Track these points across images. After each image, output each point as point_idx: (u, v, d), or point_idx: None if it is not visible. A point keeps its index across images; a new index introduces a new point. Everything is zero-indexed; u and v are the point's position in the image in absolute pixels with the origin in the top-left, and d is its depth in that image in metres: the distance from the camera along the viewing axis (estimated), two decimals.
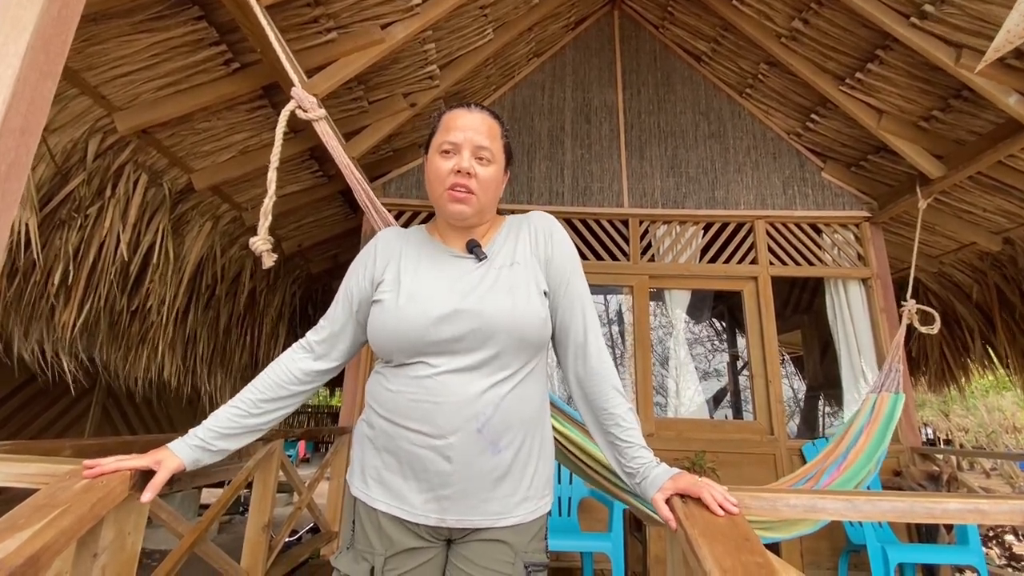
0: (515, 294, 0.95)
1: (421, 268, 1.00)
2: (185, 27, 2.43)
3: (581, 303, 1.02)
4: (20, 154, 1.12)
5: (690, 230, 3.99)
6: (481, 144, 0.97)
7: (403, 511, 0.90)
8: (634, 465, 0.98)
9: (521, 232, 1.05)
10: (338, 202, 4.36)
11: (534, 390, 0.98)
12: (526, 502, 0.93)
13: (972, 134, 3.22)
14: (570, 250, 1.04)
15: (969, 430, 16.13)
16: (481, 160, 0.98)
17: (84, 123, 2.53)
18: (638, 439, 1.00)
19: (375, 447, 0.94)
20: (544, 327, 0.97)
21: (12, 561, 0.68)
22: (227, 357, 4.40)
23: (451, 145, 0.97)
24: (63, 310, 2.82)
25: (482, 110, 1.02)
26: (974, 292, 4.42)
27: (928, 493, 2.17)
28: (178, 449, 0.95)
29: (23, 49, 1.15)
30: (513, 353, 0.93)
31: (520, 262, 1.00)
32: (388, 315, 0.95)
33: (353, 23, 2.82)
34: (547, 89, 4.35)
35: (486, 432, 0.89)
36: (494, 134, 1.00)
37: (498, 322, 0.92)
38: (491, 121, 1.01)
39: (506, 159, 1.05)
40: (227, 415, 0.99)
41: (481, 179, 0.97)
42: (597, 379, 1.00)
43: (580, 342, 1.01)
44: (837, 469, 2.66)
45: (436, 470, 0.88)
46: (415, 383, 0.91)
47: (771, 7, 3.45)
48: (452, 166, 0.96)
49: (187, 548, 1.66)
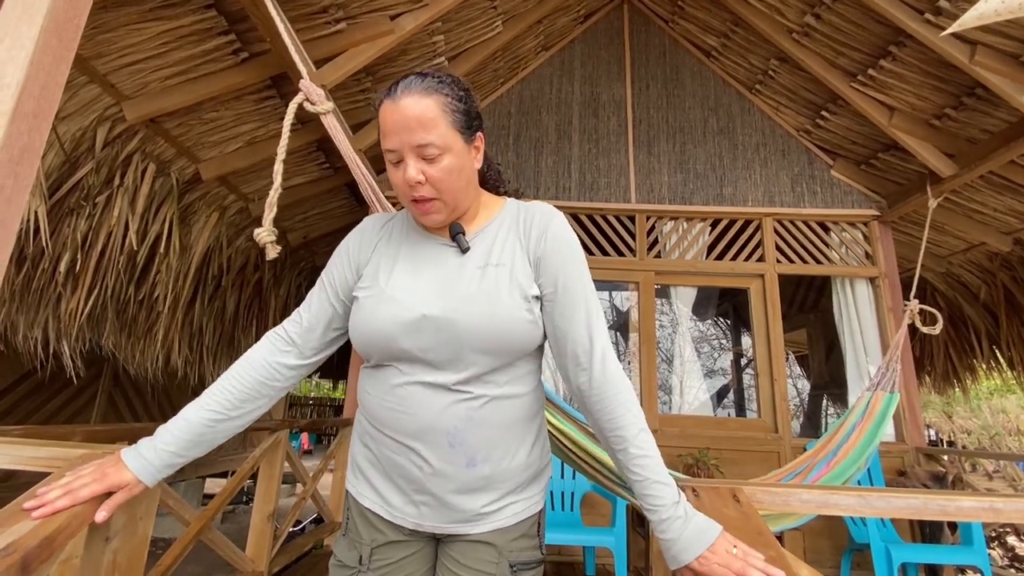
0: (495, 299, 0.85)
1: (399, 264, 0.92)
2: (195, 15, 2.42)
3: (584, 307, 0.88)
4: (33, 138, 1.12)
5: (697, 226, 3.97)
6: (420, 142, 0.82)
7: (385, 511, 0.89)
8: (651, 504, 0.82)
9: (517, 225, 0.94)
10: (344, 194, 4.36)
11: (520, 392, 0.90)
12: (510, 506, 0.89)
13: (984, 133, 3.18)
14: (567, 249, 0.90)
15: (972, 432, 16.08)
16: (427, 158, 0.83)
17: (93, 111, 2.53)
18: (654, 471, 0.83)
19: (362, 444, 0.94)
20: (530, 333, 0.87)
21: (27, 543, 0.68)
22: (233, 346, 4.42)
23: (391, 153, 0.85)
24: (70, 298, 2.83)
25: (410, 91, 0.83)
26: (982, 293, 4.39)
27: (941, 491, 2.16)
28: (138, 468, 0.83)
29: (36, 32, 1.14)
30: (491, 363, 0.86)
31: (507, 262, 0.89)
32: (363, 316, 0.89)
33: (362, 14, 2.80)
34: (555, 83, 4.33)
35: (459, 447, 0.84)
36: (433, 119, 0.83)
37: (471, 332, 0.83)
38: (421, 105, 0.82)
39: (469, 128, 0.88)
40: (201, 419, 0.87)
41: (435, 177, 0.84)
42: (603, 394, 0.87)
43: (582, 350, 0.88)
44: (827, 465, 2.67)
45: (411, 477, 0.86)
46: (389, 390, 0.87)
47: (783, 2, 3.42)
48: (403, 177, 0.84)
49: (194, 535, 1.68)
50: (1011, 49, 2.67)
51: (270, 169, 3.76)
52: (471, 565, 0.87)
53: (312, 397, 19.03)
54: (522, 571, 0.88)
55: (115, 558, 0.84)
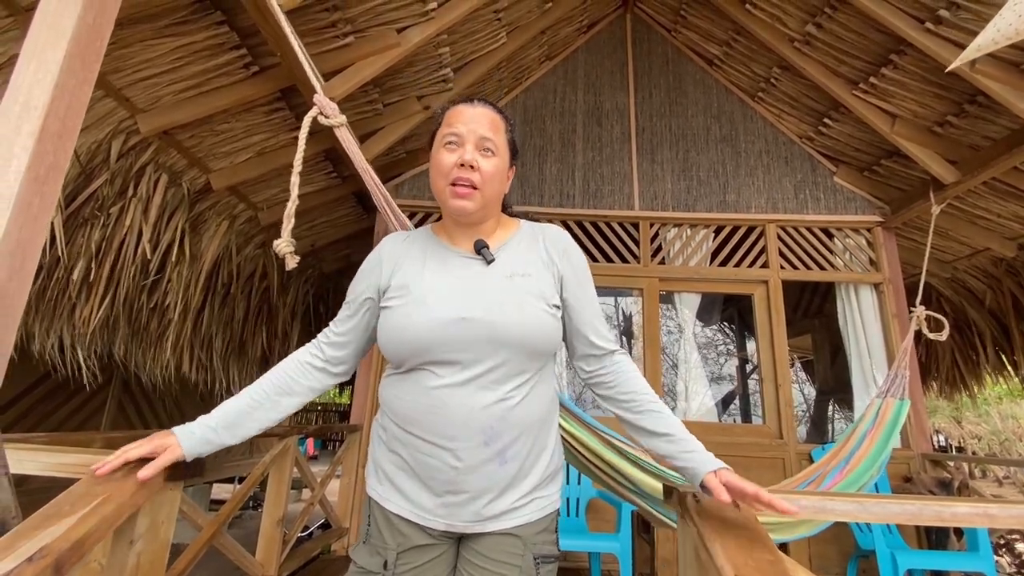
0: (524, 305, 0.94)
1: (428, 273, 0.99)
2: (207, 31, 2.49)
3: (593, 306, 1.04)
4: (58, 157, 1.17)
5: (701, 233, 4.00)
6: (485, 135, 0.96)
7: (414, 514, 0.92)
8: (686, 449, 0.94)
9: (535, 243, 1.04)
10: (351, 203, 4.41)
11: (543, 393, 0.99)
12: (534, 502, 0.95)
13: (987, 139, 3.20)
14: (583, 267, 1.05)
15: (982, 437, 15.91)
16: (485, 152, 0.96)
17: (108, 124, 2.59)
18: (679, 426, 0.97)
19: (388, 449, 0.97)
20: (553, 337, 0.98)
21: (59, 546, 0.72)
22: (242, 353, 4.48)
23: (455, 137, 0.96)
24: (84, 306, 2.89)
25: (486, 104, 1.01)
26: (988, 298, 4.38)
27: (937, 497, 2.18)
28: (183, 437, 0.92)
29: (61, 56, 1.19)
30: (521, 363, 0.93)
31: (532, 273, 0.98)
32: (396, 321, 0.95)
33: (370, 27, 2.86)
34: (559, 92, 4.38)
35: (493, 444, 0.90)
36: (497, 127, 1.00)
37: (507, 333, 0.91)
38: (494, 114, 1.01)
39: (511, 154, 1.04)
40: (239, 405, 0.97)
41: (485, 172, 0.96)
42: (617, 368, 1.03)
43: (597, 336, 1.03)
44: (840, 472, 2.67)
45: (444, 478, 0.90)
46: (423, 393, 0.92)
47: (784, 11, 3.45)
48: (455, 159, 0.95)
49: (207, 540, 1.71)
50: (1012, 57, 2.69)
51: (279, 178, 3.82)
52: (498, 558, 0.91)
53: (318, 403, 19.09)
54: (544, 564, 0.94)
55: (139, 560, 0.88)
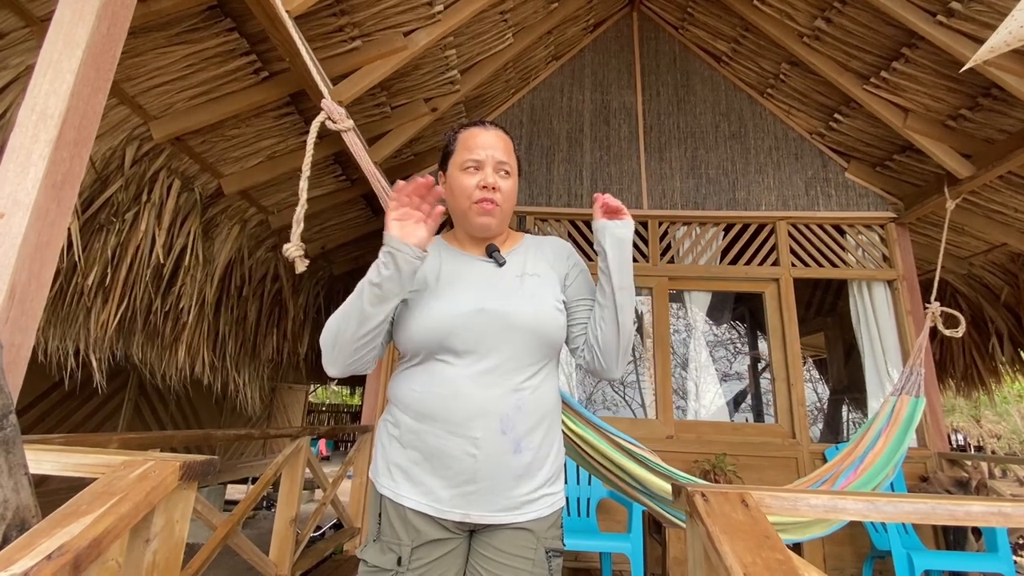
0: (536, 299, 1.03)
1: (445, 269, 1.07)
2: (218, 38, 2.52)
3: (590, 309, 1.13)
4: (74, 164, 1.20)
5: (710, 231, 3.98)
6: (501, 159, 1.07)
7: (431, 507, 0.94)
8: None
9: (541, 250, 1.14)
10: (360, 205, 4.45)
11: (551, 388, 1.05)
12: (545, 497, 0.99)
13: (1002, 132, 3.15)
14: (585, 270, 1.16)
15: (1002, 436, 15.62)
16: (502, 174, 1.07)
17: (122, 131, 2.64)
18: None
19: (401, 444, 0.98)
20: (562, 331, 1.05)
21: (77, 544, 0.74)
22: (254, 355, 4.53)
23: (475, 162, 1.06)
24: (100, 310, 2.94)
25: (495, 128, 1.12)
26: (1004, 294, 4.30)
27: (950, 496, 2.14)
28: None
29: (76, 65, 1.22)
30: (532, 354, 1.00)
31: (540, 273, 1.08)
32: (415, 311, 1.00)
33: (377, 31, 2.88)
34: (566, 91, 4.38)
35: (509, 433, 0.95)
36: (509, 149, 1.10)
37: (521, 322, 0.98)
38: (505, 137, 1.12)
39: (518, 172, 1.16)
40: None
41: (504, 191, 1.06)
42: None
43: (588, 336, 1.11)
44: (854, 472, 2.64)
45: (462, 467, 0.93)
46: (439, 383, 0.96)
47: (793, 6, 3.42)
48: (477, 182, 1.05)
49: (221, 539, 1.74)
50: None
51: (289, 182, 3.85)
52: (512, 551, 0.95)
53: (329, 404, 19.24)
54: (554, 558, 0.98)
55: (155, 559, 0.90)
